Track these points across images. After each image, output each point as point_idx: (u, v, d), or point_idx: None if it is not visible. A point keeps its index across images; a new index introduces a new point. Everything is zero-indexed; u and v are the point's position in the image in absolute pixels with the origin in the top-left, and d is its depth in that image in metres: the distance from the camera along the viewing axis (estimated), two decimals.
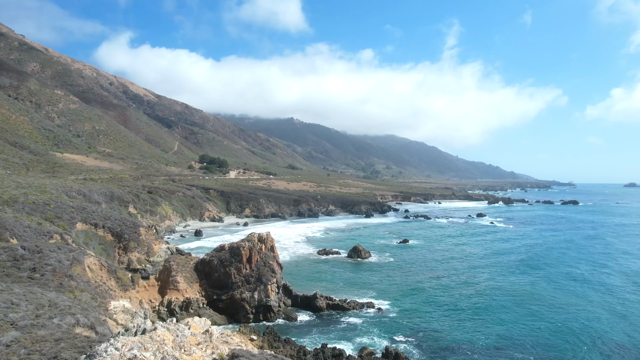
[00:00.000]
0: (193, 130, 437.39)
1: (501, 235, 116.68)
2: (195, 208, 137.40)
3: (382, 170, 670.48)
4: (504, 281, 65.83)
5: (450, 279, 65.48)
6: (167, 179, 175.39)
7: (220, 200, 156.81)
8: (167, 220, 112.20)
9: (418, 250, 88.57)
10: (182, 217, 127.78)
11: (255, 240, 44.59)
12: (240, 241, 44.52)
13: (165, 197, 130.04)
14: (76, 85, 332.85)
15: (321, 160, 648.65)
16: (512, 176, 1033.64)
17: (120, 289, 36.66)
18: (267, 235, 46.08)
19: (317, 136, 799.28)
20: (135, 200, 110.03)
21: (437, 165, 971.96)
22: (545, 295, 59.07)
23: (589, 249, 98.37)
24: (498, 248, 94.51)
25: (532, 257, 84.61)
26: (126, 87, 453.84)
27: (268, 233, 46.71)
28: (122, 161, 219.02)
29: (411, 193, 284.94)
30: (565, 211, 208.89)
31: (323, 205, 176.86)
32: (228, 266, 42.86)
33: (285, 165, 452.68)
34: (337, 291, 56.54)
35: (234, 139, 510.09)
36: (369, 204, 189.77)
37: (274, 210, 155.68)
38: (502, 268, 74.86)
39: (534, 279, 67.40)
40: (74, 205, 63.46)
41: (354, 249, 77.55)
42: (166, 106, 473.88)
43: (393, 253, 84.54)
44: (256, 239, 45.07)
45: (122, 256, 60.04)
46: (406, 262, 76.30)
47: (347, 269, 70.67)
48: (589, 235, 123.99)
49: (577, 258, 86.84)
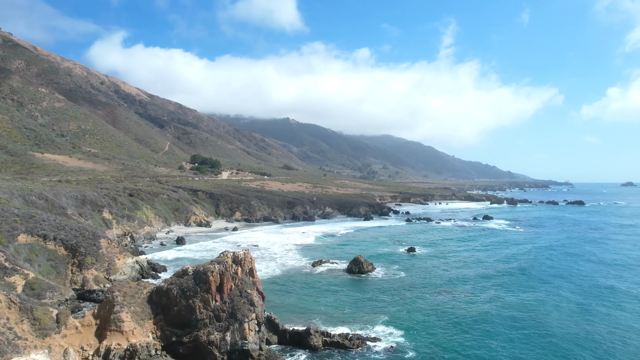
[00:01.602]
0: (186, 130, 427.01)
1: (515, 241, 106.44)
2: (180, 212, 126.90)
3: (379, 170, 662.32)
4: (536, 300, 55.77)
5: (474, 299, 55.25)
6: (152, 181, 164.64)
7: (209, 203, 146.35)
8: (146, 226, 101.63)
9: (428, 261, 78.27)
10: (165, 222, 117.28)
11: (228, 262, 34.26)
12: (209, 263, 34.17)
13: (147, 200, 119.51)
14: (63, 84, 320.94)
15: (317, 161, 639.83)
16: (509, 176, 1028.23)
17: (37, 334, 26.46)
18: (245, 255, 35.74)
19: (313, 136, 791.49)
20: (111, 204, 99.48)
21: (434, 165, 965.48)
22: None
23: (617, 256, 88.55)
24: (516, 257, 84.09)
25: (561, 269, 74.56)
26: (118, 87, 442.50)
27: (246, 252, 36.35)
28: (108, 162, 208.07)
29: (410, 194, 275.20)
30: (573, 212, 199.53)
31: (319, 207, 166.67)
32: (192, 297, 32.60)
33: (280, 165, 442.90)
34: (335, 319, 46.30)
35: (228, 139, 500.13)
36: (368, 206, 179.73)
37: (267, 214, 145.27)
38: (524, 283, 64.92)
39: (585, 302, 56.17)
40: (19, 212, 52.93)
41: (355, 261, 67.21)
42: (159, 106, 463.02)
43: (399, 265, 74.09)
44: (230, 259, 34.69)
45: (76, 274, 49.64)
46: (416, 276, 65.84)
47: (347, 286, 60.32)
48: (610, 239, 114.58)
49: (610, 267, 77.18)
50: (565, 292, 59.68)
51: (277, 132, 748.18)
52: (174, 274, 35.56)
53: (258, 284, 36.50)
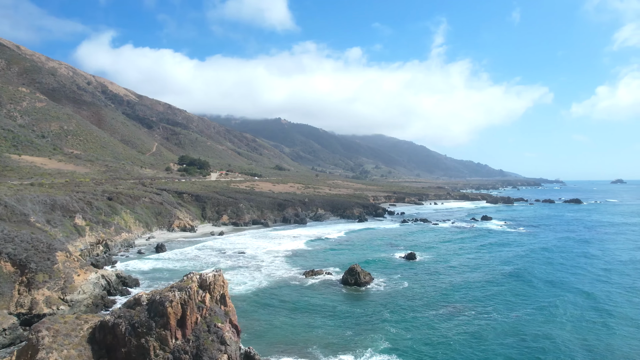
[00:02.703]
0: (175, 131, 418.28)
1: (520, 244, 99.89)
2: (163, 216, 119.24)
3: (372, 170, 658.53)
4: (559, 317, 49.42)
5: (490, 317, 48.68)
6: (136, 183, 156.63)
7: (195, 206, 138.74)
8: (124, 232, 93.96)
9: (430, 268, 71.44)
10: (146, 228, 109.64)
11: (193, 288, 27.06)
12: (168, 290, 26.85)
13: (127, 204, 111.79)
14: (46, 83, 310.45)
15: (309, 161, 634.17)
16: (500, 174, 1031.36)
17: None
18: (216, 278, 28.49)
19: (305, 136, 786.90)
20: (85, 209, 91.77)
21: (426, 165, 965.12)
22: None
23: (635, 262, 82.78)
24: (525, 263, 77.53)
25: (581, 277, 68.35)
26: (105, 87, 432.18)
27: (217, 273, 29.03)
28: (91, 163, 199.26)
29: (405, 193, 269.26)
30: (572, 211, 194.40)
31: (311, 209, 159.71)
32: (145, 335, 25.53)
33: (272, 166, 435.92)
34: (335, 346, 39.18)
35: (219, 139, 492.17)
36: (362, 207, 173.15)
37: (256, 216, 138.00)
38: (545, 293, 58.62)
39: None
40: None
41: (351, 271, 60.22)
42: (148, 106, 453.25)
43: (400, 274, 66.89)
44: (195, 284, 27.41)
45: (24, 295, 42.26)
46: (421, 288, 58.75)
47: (342, 301, 53.32)
48: (623, 238, 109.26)
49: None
50: (605, 303, 53.36)
51: (268, 132, 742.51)
52: (124, 304, 28.51)
53: (232, 314, 29.49)
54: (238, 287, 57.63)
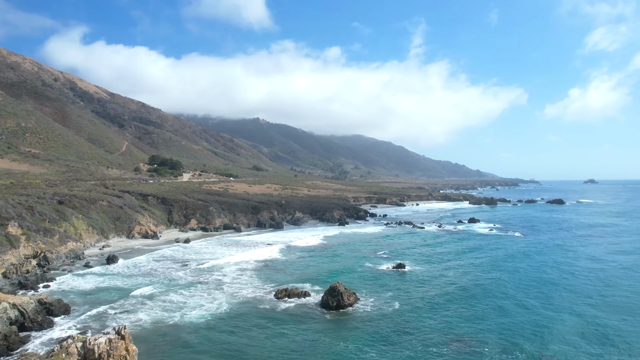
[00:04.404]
0: (148, 130, 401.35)
1: (516, 249, 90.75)
2: (122, 221, 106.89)
3: (351, 170, 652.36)
4: None
5: (494, 344, 39.56)
6: (97, 184, 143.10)
7: (161, 210, 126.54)
8: (71, 241, 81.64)
9: (423, 283, 61.49)
10: (101, 235, 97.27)
11: None
12: None
13: (80, 209, 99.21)
14: (4, 78, 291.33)
15: (288, 161, 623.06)
16: (478, 174, 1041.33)
17: None
18: (113, 346, 17.37)
19: (284, 136, 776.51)
20: (24, 215, 79.29)
21: (405, 165, 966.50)
22: None
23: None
24: (528, 272, 68.66)
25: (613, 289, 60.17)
26: (74, 84, 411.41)
27: (115, 338, 17.93)
28: (50, 163, 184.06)
29: (386, 194, 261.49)
30: (559, 212, 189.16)
31: (288, 211, 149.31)
32: None
33: (250, 166, 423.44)
34: None
35: (194, 139, 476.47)
36: (342, 209, 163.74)
37: (228, 221, 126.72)
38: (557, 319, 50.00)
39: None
40: None
41: (332, 291, 49.84)
42: (120, 104, 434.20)
43: (390, 291, 55.69)
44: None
45: None
46: (414, 312, 47.60)
47: (323, 332, 42.47)
48: (620, 241, 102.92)
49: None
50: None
51: (247, 132, 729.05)
52: None
53: None
54: (190, 313, 46.68)
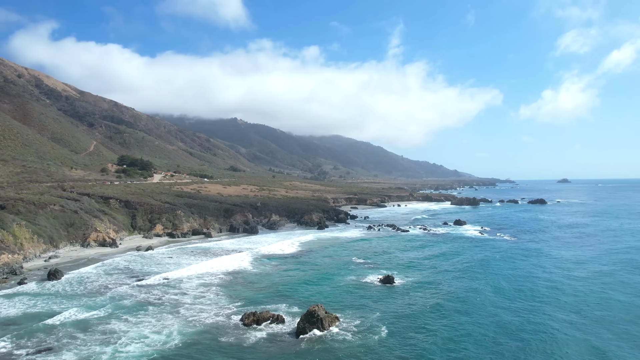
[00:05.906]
0: (119, 129, 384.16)
1: (509, 256, 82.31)
2: (76, 228, 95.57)
3: (330, 170, 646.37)
4: None
5: None
6: (54, 186, 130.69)
7: (124, 214, 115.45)
8: (6, 253, 70.41)
9: (415, 299, 52.95)
10: (49, 244, 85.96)
11: None
12: None
13: (25, 214, 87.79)
14: None
15: (267, 162, 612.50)
16: (455, 175, 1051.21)
17: None
18: None
19: (262, 137, 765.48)
20: None
21: (384, 165, 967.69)
22: None
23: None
24: (531, 285, 60.89)
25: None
26: (40, 81, 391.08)
27: None
28: (3, 163, 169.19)
29: (366, 194, 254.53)
30: (544, 212, 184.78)
31: (264, 214, 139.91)
32: None
33: (226, 167, 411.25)
34: None
35: (169, 139, 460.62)
36: (322, 211, 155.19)
37: (197, 225, 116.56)
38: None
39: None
40: None
41: (310, 316, 40.51)
42: (90, 103, 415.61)
43: (376, 312, 45.89)
44: None
45: None
46: (408, 337, 39.65)
47: None
48: (620, 242, 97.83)
49: None
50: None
51: (224, 132, 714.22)
52: None
53: None
54: (128, 348, 37.15)
